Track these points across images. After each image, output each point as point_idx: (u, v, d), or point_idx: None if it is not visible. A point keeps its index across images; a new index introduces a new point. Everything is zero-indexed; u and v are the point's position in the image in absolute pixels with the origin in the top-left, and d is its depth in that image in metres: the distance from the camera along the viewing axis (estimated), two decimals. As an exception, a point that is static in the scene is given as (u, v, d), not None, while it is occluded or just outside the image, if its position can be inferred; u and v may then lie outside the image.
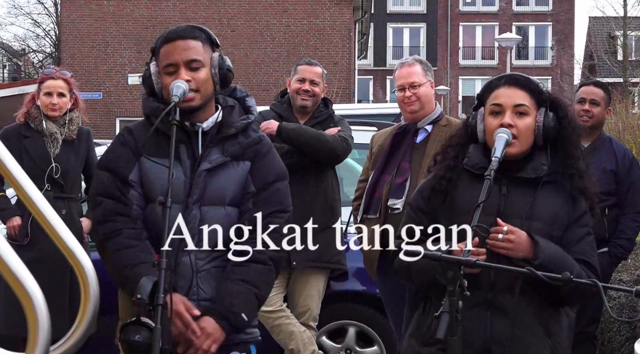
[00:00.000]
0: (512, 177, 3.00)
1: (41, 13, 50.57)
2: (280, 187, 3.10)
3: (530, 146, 3.02)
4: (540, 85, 3.09)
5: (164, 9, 27.55)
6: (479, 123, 3.07)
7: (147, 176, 3.00)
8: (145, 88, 3.09)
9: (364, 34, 33.48)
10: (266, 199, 3.05)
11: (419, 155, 4.67)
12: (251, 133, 3.10)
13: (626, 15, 36.51)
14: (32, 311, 1.53)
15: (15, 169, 1.66)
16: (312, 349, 5.15)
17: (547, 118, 3.00)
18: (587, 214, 3.03)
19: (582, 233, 3.01)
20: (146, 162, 3.00)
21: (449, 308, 2.54)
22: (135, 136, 3.05)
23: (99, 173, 3.07)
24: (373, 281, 4.90)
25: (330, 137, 5.13)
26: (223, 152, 3.03)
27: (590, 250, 3.02)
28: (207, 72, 3.02)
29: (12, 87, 20.98)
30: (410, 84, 4.70)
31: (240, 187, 3.04)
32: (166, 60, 3.02)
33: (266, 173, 3.08)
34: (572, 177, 3.01)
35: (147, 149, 2.99)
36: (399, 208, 4.58)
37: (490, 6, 50.12)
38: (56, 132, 5.25)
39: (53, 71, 5.34)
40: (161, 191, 2.90)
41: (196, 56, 3.01)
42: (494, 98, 3.04)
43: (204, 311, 2.94)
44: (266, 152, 3.11)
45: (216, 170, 3.01)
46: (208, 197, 2.99)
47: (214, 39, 3.11)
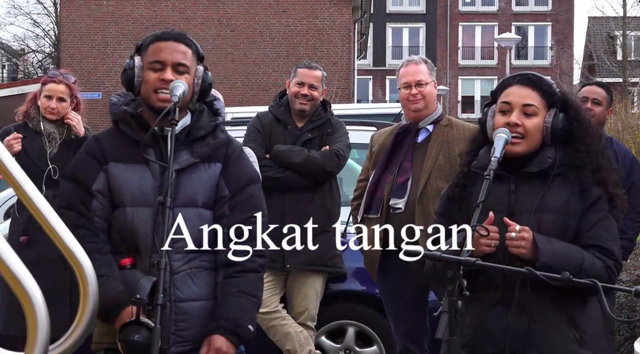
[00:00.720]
0: (519, 173, 3.01)
1: (40, 13, 50.64)
2: (254, 191, 3.13)
3: (538, 145, 3.02)
4: (553, 86, 3.08)
5: (164, 9, 27.55)
6: (489, 120, 3.08)
7: (115, 181, 3.01)
8: (124, 79, 3.10)
9: (363, 34, 33.49)
10: (242, 204, 3.07)
11: (421, 154, 4.67)
12: (219, 134, 3.12)
13: (625, 15, 36.53)
14: (31, 310, 1.53)
15: (15, 169, 1.66)
16: (308, 350, 5.16)
17: (557, 119, 3.00)
18: (601, 199, 2.97)
19: (597, 218, 2.96)
20: (114, 168, 3.02)
21: (448, 308, 2.54)
22: (102, 144, 3.08)
23: (63, 183, 3.13)
24: (373, 281, 4.90)
25: (320, 155, 5.16)
26: (192, 154, 3.05)
27: (606, 233, 2.96)
28: (190, 80, 3.05)
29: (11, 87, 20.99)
30: (417, 82, 4.70)
31: (213, 189, 3.06)
32: (154, 57, 3.04)
33: (239, 177, 3.10)
34: (580, 169, 2.99)
35: (113, 155, 3.03)
36: (401, 208, 4.58)
37: (489, 6, 50.12)
38: (54, 132, 5.26)
39: (57, 74, 5.33)
40: (130, 195, 2.97)
41: (184, 61, 3.05)
42: (504, 96, 3.05)
43: (212, 330, 2.98)
44: (237, 156, 3.14)
45: (186, 172, 3.03)
46: (180, 199, 2.99)
47: (201, 53, 3.15)
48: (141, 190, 2.97)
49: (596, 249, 2.93)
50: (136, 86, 3.07)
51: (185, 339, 2.99)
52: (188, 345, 3.00)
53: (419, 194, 4.57)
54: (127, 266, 2.97)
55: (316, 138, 5.30)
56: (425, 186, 4.58)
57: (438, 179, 4.56)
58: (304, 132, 5.29)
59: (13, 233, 5.19)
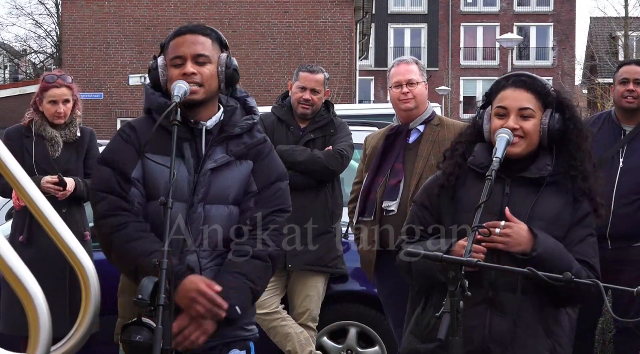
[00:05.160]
0: (515, 176, 3.01)
1: (42, 13, 50.71)
2: (282, 187, 3.13)
3: (536, 146, 3.02)
4: (548, 86, 3.07)
5: (165, 10, 27.55)
6: (485, 123, 3.07)
7: (150, 174, 2.99)
8: (150, 80, 3.10)
9: (365, 34, 33.47)
10: (267, 198, 3.07)
11: (412, 155, 4.67)
12: (256, 134, 3.13)
13: (627, 15, 36.46)
14: (33, 311, 1.53)
15: (16, 169, 1.66)
16: (309, 350, 5.16)
17: (552, 120, 3.00)
18: (590, 215, 3.02)
19: (584, 233, 3.01)
20: (151, 159, 2.99)
21: (450, 309, 2.54)
22: (138, 133, 3.05)
23: (100, 168, 3.05)
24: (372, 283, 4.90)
25: (323, 154, 5.16)
26: (227, 152, 3.04)
27: (592, 251, 3.02)
28: (213, 69, 3.04)
29: (13, 87, 21.01)
30: (408, 81, 4.69)
31: (243, 186, 3.06)
32: (174, 53, 3.04)
33: (268, 173, 3.10)
34: (575, 178, 3.00)
35: (150, 146, 2.98)
36: (394, 210, 4.58)
37: (491, 6, 50.08)
38: (57, 136, 5.26)
39: (55, 78, 5.30)
40: (165, 189, 2.89)
41: (204, 51, 3.03)
42: (500, 100, 3.04)
43: None
44: (268, 152, 3.14)
45: (220, 169, 3.02)
46: (212, 196, 2.99)
47: (223, 40, 3.14)
48: (176, 184, 2.90)
49: (582, 263, 2.96)
50: (162, 85, 3.06)
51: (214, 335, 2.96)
52: (215, 341, 2.98)
53: (411, 195, 4.56)
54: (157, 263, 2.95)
55: (319, 139, 5.30)
56: (417, 188, 4.56)
57: None
58: (307, 132, 5.30)
59: (15, 232, 5.20)
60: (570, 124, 3.03)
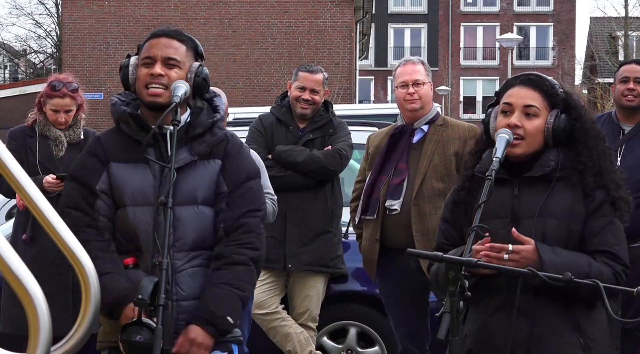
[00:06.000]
0: (523, 177, 2.98)
1: (42, 13, 50.73)
2: (253, 186, 3.12)
3: (539, 146, 2.99)
4: (556, 87, 3.04)
5: (165, 10, 27.55)
6: (491, 121, 3.06)
7: (116, 181, 3.03)
8: (120, 78, 3.15)
9: (365, 34, 33.48)
10: (239, 199, 3.06)
11: (416, 155, 4.67)
12: (217, 131, 3.11)
13: (627, 15, 36.46)
14: (33, 311, 1.53)
15: (16, 169, 1.66)
16: (309, 350, 5.16)
17: (558, 121, 2.96)
18: (606, 203, 2.94)
19: (602, 223, 2.93)
20: (115, 168, 3.03)
21: (449, 309, 2.54)
22: (103, 143, 3.10)
23: (67, 184, 3.14)
24: (374, 282, 4.90)
25: (322, 154, 5.16)
26: (191, 152, 3.06)
27: (613, 238, 2.93)
28: (182, 75, 3.05)
29: (13, 87, 21.02)
30: (414, 81, 4.69)
31: (212, 186, 3.06)
32: (146, 53, 3.08)
33: (238, 172, 3.10)
34: (582, 173, 2.96)
35: (114, 156, 3.05)
36: (397, 209, 4.58)
37: (491, 6, 50.10)
38: (61, 136, 5.29)
39: (60, 85, 5.30)
40: (131, 195, 2.99)
41: (175, 55, 3.06)
42: (506, 97, 3.03)
43: (190, 320, 2.96)
44: (236, 151, 3.13)
45: (186, 169, 3.03)
46: (180, 197, 3.00)
47: (200, 50, 3.16)
48: (142, 189, 2.99)
49: (604, 254, 2.91)
50: (131, 84, 3.10)
51: None
52: None
53: (415, 195, 4.57)
54: (130, 265, 2.98)
55: (318, 139, 5.30)
56: (421, 187, 4.59)
57: (433, 179, 4.58)
58: (306, 132, 5.30)
59: (17, 231, 5.21)
60: (577, 124, 2.99)
